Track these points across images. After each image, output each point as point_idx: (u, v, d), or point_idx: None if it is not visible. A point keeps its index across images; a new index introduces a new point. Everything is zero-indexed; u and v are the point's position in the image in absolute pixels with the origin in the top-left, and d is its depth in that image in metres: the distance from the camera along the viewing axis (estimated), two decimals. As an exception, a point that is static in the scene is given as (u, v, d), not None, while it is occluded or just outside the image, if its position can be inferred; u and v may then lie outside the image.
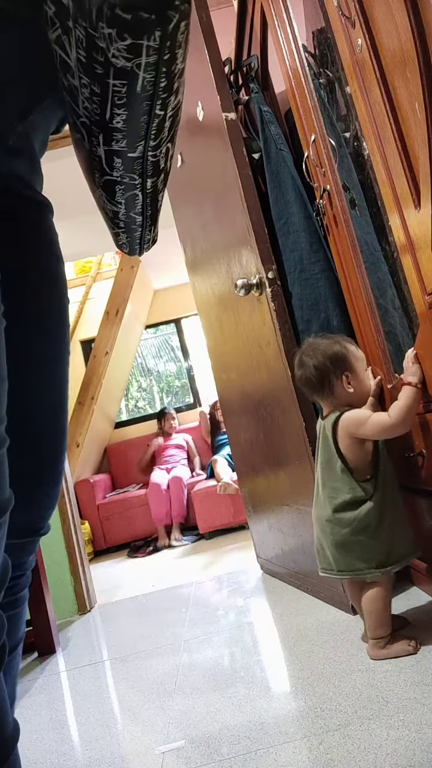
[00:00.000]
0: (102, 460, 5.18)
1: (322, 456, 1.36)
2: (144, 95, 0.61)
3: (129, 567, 3.63)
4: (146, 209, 0.78)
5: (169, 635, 1.91)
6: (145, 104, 0.62)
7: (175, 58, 0.59)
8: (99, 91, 0.61)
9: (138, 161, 0.69)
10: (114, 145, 0.67)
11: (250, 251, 1.74)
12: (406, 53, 0.99)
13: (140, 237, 0.83)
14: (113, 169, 0.70)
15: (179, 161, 2.26)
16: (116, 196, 0.74)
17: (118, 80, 0.59)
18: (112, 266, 5.49)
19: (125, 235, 0.82)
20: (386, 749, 0.94)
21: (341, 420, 1.31)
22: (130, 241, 0.84)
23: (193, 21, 1.77)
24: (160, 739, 1.21)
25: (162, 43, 0.57)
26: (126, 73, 0.59)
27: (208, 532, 3.80)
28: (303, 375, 1.39)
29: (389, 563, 1.28)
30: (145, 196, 0.75)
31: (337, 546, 1.30)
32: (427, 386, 1.21)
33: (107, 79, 0.60)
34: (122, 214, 0.77)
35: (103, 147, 0.67)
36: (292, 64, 1.63)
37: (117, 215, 0.78)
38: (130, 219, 0.78)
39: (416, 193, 1.07)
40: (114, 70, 0.59)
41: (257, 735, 1.11)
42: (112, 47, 0.57)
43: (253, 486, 2.31)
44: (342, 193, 1.51)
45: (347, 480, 1.29)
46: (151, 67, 0.59)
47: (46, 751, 1.30)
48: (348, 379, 1.33)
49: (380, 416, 1.27)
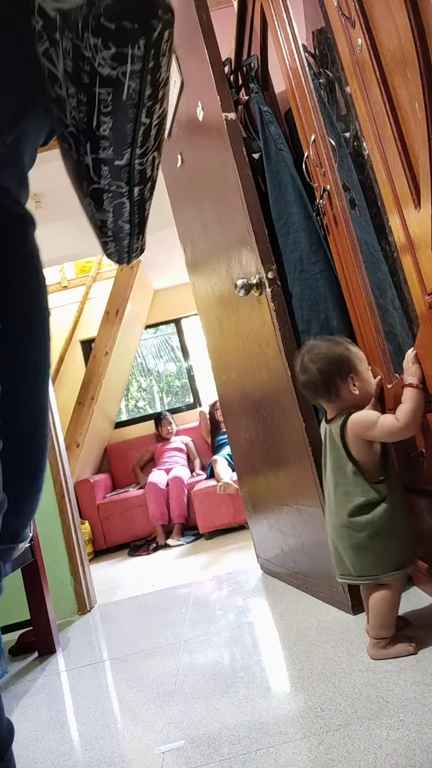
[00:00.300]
0: (102, 460, 5.18)
1: (331, 460, 1.35)
2: (129, 103, 0.63)
3: (129, 567, 3.63)
4: (134, 217, 0.79)
5: (169, 635, 1.91)
6: (131, 112, 0.64)
7: (159, 67, 0.62)
8: (86, 100, 0.63)
9: (125, 169, 0.71)
10: (101, 153, 0.68)
11: (250, 251, 1.74)
12: (406, 53, 0.99)
13: (128, 245, 0.86)
14: (101, 177, 0.71)
15: (179, 161, 2.26)
16: (104, 204, 0.75)
17: (104, 88, 0.62)
18: (112, 266, 5.49)
19: (113, 243, 0.84)
20: (386, 749, 0.94)
21: (349, 422, 1.30)
22: (118, 249, 0.86)
23: (193, 21, 1.77)
24: (160, 739, 1.21)
25: (146, 52, 0.59)
26: (112, 81, 0.61)
27: (208, 532, 3.80)
28: (308, 380, 1.37)
29: (405, 564, 1.28)
30: (133, 204, 0.77)
31: (355, 550, 1.29)
32: (428, 386, 1.21)
33: (93, 88, 0.62)
34: (110, 223, 0.79)
35: (91, 155, 0.69)
36: (292, 64, 1.63)
37: (105, 224, 0.79)
38: (118, 228, 0.80)
39: (416, 193, 1.07)
40: (100, 78, 0.61)
41: (257, 735, 1.11)
42: (97, 56, 0.59)
43: (253, 486, 2.31)
44: (342, 193, 1.51)
45: (360, 482, 1.29)
46: (136, 75, 0.61)
47: (46, 751, 1.30)
48: (353, 381, 1.33)
49: (389, 419, 1.26)
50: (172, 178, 2.49)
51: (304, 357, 1.38)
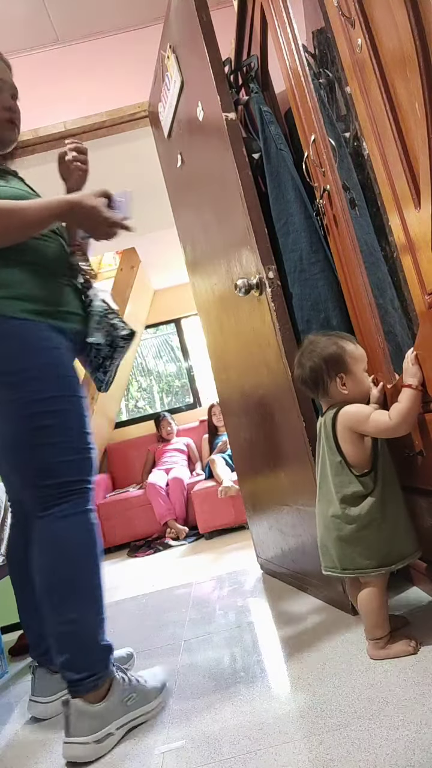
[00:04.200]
0: (102, 460, 5.18)
1: (322, 452, 1.37)
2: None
3: (129, 567, 3.63)
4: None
5: (169, 635, 1.91)
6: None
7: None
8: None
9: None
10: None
11: (250, 251, 1.74)
12: (406, 53, 0.99)
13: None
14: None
15: (179, 161, 2.26)
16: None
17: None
18: (112, 266, 5.49)
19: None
20: (386, 749, 0.94)
21: (340, 414, 1.31)
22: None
23: (193, 21, 1.77)
24: (160, 739, 1.21)
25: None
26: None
27: (208, 532, 3.80)
28: (300, 375, 1.40)
29: (390, 562, 1.28)
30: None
31: (341, 542, 1.30)
32: (427, 387, 1.21)
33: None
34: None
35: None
36: (292, 64, 1.63)
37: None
38: None
39: (416, 193, 1.07)
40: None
41: (257, 735, 1.11)
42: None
43: (253, 486, 2.31)
44: (342, 193, 1.51)
45: (346, 474, 1.30)
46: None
47: (46, 752, 1.30)
48: (342, 380, 1.33)
49: (381, 416, 1.27)
50: (172, 178, 2.48)
51: (301, 352, 1.40)
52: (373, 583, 1.29)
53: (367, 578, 1.29)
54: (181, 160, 2.25)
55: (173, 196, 2.54)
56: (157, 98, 2.34)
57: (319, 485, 1.38)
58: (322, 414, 1.40)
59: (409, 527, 1.33)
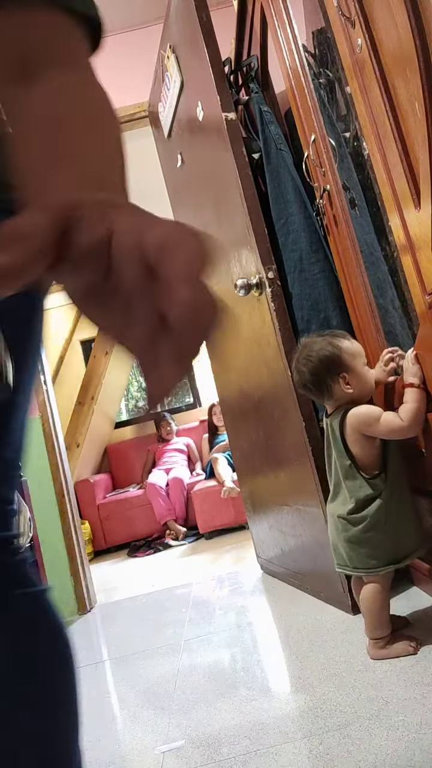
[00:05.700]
0: (102, 460, 5.18)
1: (335, 454, 1.36)
2: None
3: (129, 567, 3.63)
4: None
5: (169, 635, 1.91)
6: None
7: None
8: None
9: None
10: None
11: (250, 251, 1.74)
12: (406, 53, 0.99)
13: None
14: None
15: (179, 161, 2.26)
16: None
17: None
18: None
19: None
20: (386, 749, 0.94)
21: (349, 416, 1.30)
22: None
23: (193, 21, 1.77)
24: (160, 739, 1.21)
25: None
26: None
27: (208, 532, 3.80)
28: (300, 381, 1.39)
29: (398, 559, 1.28)
30: None
31: (350, 542, 1.31)
32: (428, 386, 1.21)
33: None
34: None
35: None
36: (292, 64, 1.63)
37: None
38: None
39: (416, 193, 1.07)
40: None
41: (257, 735, 1.11)
42: None
43: (253, 486, 2.31)
44: (342, 193, 1.51)
45: (357, 477, 1.30)
46: None
47: (46, 751, 1.30)
48: (345, 380, 1.32)
49: (393, 418, 1.25)
50: (171, 178, 2.48)
51: (297, 357, 1.39)
52: (377, 580, 1.29)
53: (384, 573, 1.29)
54: (181, 160, 2.25)
55: (173, 196, 2.54)
56: (157, 98, 2.34)
57: (334, 486, 1.37)
58: (326, 415, 1.39)
59: (417, 523, 1.34)
